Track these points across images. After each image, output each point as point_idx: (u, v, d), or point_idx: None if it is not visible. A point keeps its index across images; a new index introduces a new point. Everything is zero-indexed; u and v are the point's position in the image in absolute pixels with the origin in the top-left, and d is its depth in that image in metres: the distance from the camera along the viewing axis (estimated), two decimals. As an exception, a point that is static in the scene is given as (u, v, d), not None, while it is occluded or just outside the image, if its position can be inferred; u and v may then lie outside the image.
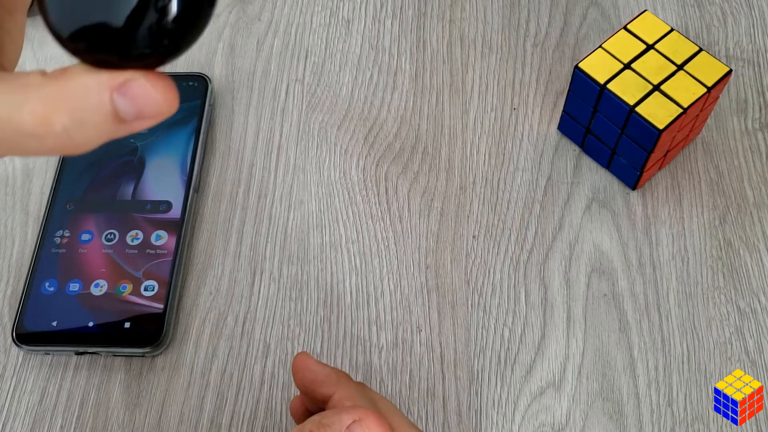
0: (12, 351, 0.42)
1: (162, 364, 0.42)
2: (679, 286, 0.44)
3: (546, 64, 0.52)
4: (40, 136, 0.19)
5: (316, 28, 0.54)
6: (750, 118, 0.49)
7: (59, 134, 0.19)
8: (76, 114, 0.19)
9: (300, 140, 0.49)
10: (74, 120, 0.19)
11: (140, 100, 0.19)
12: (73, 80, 0.19)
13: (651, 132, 0.42)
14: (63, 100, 0.19)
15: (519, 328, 0.43)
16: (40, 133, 0.19)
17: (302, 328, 0.43)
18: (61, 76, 0.19)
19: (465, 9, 0.54)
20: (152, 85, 0.19)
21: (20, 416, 0.41)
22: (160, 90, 0.19)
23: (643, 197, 0.46)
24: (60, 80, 0.19)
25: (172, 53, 0.19)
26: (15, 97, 0.19)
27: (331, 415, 0.30)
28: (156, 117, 0.19)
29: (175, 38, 0.19)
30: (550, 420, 0.40)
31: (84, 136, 0.19)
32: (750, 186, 0.47)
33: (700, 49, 0.44)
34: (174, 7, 0.18)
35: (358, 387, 0.33)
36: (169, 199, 0.46)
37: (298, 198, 0.47)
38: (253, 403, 0.41)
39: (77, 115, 0.19)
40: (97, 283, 0.43)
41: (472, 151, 0.48)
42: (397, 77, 0.52)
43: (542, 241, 0.45)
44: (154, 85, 0.19)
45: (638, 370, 0.41)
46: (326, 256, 0.45)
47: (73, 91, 0.19)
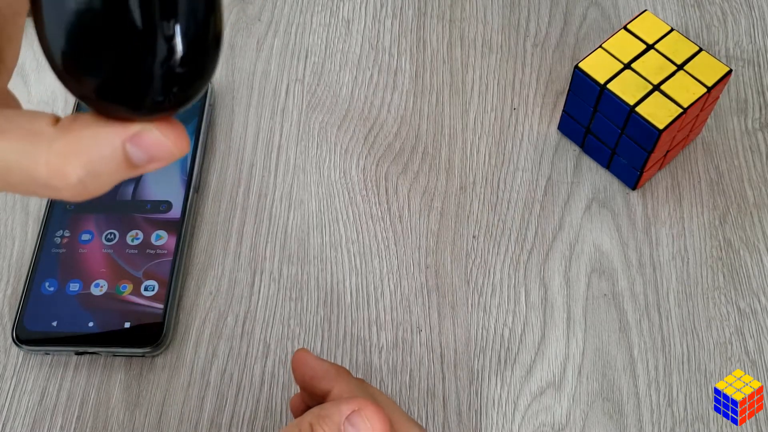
0: (12, 351, 0.42)
1: (162, 364, 0.42)
2: (679, 286, 0.44)
3: (546, 64, 0.52)
4: (55, 187, 0.19)
5: (316, 28, 0.54)
6: (750, 118, 0.49)
7: (74, 185, 0.19)
8: (91, 166, 0.19)
9: (300, 140, 0.49)
10: (89, 171, 0.19)
11: (152, 149, 0.19)
12: (86, 132, 0.19)
13: (651, 132, 0.42)
14: (77, 153, 0.19)
15: (519, 328, 0.43)
16: (55, 184, 0.19)
17: (302, 328, 0.43)
18: (73, 127, 0.19)
19: (465, 9, 0.54)
20: (163, 134, 0.19)
21: (20, 416, 0.41)
22: (171, 138, 0.20)
23: (643, 197, 0.46)
24: (73, 132, 0.19)
25: (181, 103, 0.20)
26: (26, 145, 0.19)
27: (330, 406, 0.30)
28: (167, 161, 0.20)
29: (183, 87, 0.19)
30: (550, 420, 0.40)
31: (97, 184, 0.19)
32: (750, 186, 0.47)
33: (700, 49, 0.44)
34: (178, 57, 0.18)
35: (357, 382, 0.34)
36: (169, 199, 0.46)
37: (298, 198, 0.47)
38: (253, 403, 0.41)
39: (92, 166, 0.19)
40: (97, 283, 0.43)
41: (472, 151, 0.48)
42: (397, 77, 0.52)
43: (542, 241, 0.45)
44: (166, 134, 0.19)
45: (638, 370, 0.41)
46: (326, 256, 0.45)
47: (87, 144, 0.19)
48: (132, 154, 0.19)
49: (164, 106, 0.19)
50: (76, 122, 0.19)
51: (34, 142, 0.19)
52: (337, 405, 0.30)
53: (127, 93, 0.19)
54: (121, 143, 0.19)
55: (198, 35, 0.19)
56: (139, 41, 0.18)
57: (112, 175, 0.19)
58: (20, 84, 0.51)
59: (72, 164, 0.19)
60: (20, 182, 0.19)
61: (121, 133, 0.19)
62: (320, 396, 0.33)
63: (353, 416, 0.29)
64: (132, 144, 0.19)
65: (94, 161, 0.19)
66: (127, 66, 0.18)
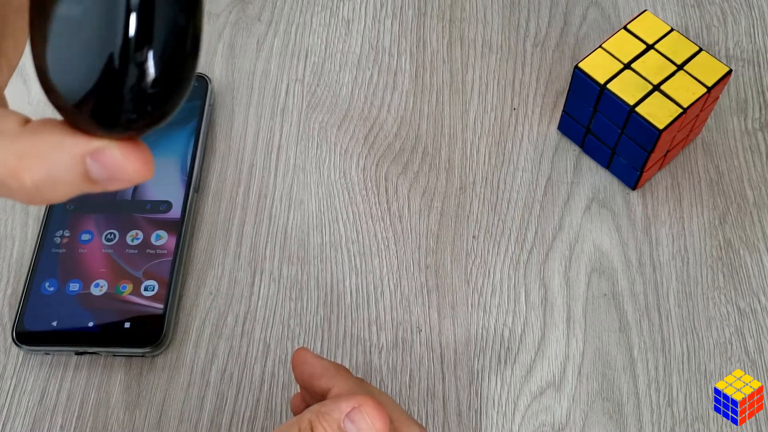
0: (12, 351, 0.42)
1: (162, 364, 0.42)
2: (679, 286, 0.44)
3: (546, 64, 0.52)
4: (10, 187, 0.19)
5: (316, 28, 0.54)
6: (750, 118, 0.49)
7: (28, 188, 0.19)
8: (48, 172, 0.19)
9: (300, 140, 0.49)
10: (45, 177, 0.19)
11: (112, 168, 0.19)
12: (50, 138, 0.19)
13: (651, 132, 0.42)
14: (35, 157, 0.19)
15: (519, 328, 0.43)
16: (9, 184, 0.19)
17: (302, 328, 0.43)
18: (39, 131, 0.19)
19: (465, 9, 0.54)
20: (124, 156, 0.19)
21: (20, 416, 0.41)
22: (132, 161, 0.19)
23: (643, 197, 0.46)
24: (36, 136, 0.19)
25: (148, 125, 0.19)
26: None
27: (330, 403, 0.30)
28: (127, 184, 0.19)
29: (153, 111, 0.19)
30: (550, 420, 0.40)
31: (53, 192, 0.19)
32: (750, 186, 0.47)
33: (700, 49, 0.44)
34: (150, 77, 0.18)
35: (357, 381, 0.34)
36: (169, 199, 0.46)
37: (298, 198, 0.47)
38: (253, 403, 0.41)
39: (49, 173, 0.19)
40: (97, 283, 0.43)
41: (472, 151, 0.48)
42: (397, 77, 0.52)
43: (542, 241, 0.45)
44: (127, 156, 0.19)
45: (638, 370, 0.41)
46: (326, 256, 0.45)
47: (49, 150, 0.19)
48: (92, 169, 0.19)
49: (131, 126, 0.19)
50: (43, 127, 0.19)
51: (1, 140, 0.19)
52: (337, 402, 0.30)
53: (96, 109, 0.18)
54: (81, 156, 0.19)
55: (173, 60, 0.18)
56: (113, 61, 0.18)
57: (70, 186, 0.19)
58: (20, 84, 0.51)
59: (29, 167, 0.19)
60: None
61: (83, 146, 0.19)
62: (320, 395, 0.33)
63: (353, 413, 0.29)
64: (93, 159, 0.19)
65: (52, 168, 0.19)
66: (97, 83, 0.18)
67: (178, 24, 0.18)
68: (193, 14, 0.19)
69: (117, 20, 0.17)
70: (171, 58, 0.18)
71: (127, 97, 0.18)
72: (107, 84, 0.18)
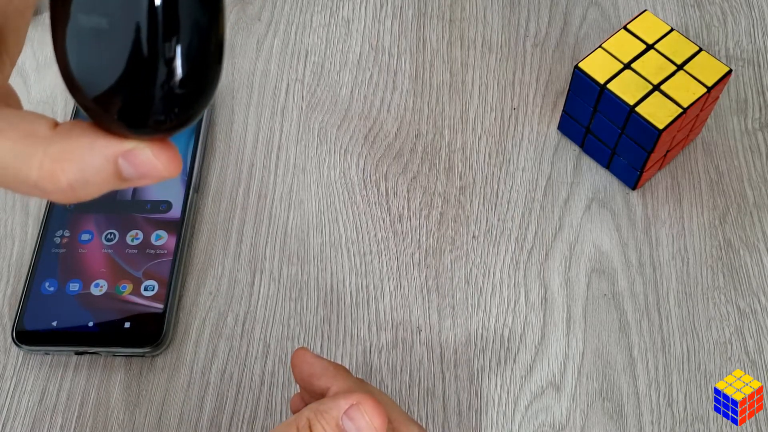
0: (12, 351, 0.42)
1: (162, 364, 0.42)
2: (679, 286, 0.44)
3: (546, 64, 0.52)
4: (45, 189, 0.20)
5: (316, 28, 0.54)
6: (750, 118, 0.49)
7: (64, 189, 0.19)
8: (82, 173, 0.19)
9: (300, 140, 0.49)
10: (78, 178, 0.19)
11: (143, 167, 0.20)
12: (83, 140, 0.20)
13: (651, 132, 0.42)
14: (71, 160, 0.19)
15: (519, 328, 0.43)
16: (45, 186, 0.19)
17: (302, 328, 0.43)
18: (71, 134, 0.20)
19: (465, 9, 0.54)
20: (155, 155, 0.20)
21: (20, 416, 0.41)
22: (162, 160, 0.20)
23: (643, 197, 0.46)
24: (69, 139, 0.20)
25: (177, 127, 0.20)
26: (22, 147, 0.19)
27: (328, 401, 0.30)
28: (157, 180, 0.20)
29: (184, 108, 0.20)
30: (550, 420, 0.40)
31: (86, 191, 0.20)
32: (750, 186, 0.47)
33: (700, 49, 0.44)
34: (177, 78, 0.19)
35: (356, 380, 0.34)
36: (169, 199, 0.46)
37: (298, 198, 0.47)
38: (253, 403, 0.41)
39: (83, 174, 0.20)
40: (97, 283, 0.43)
41: (472, 151, 0.48)
42: (397, 77, 0.52)
43: (542, 241, 0.45)
44: (158, 155, 0.20)
45: (638, 370, 0.41)
46: (326, 256, 0.45)
47: (82, 152, 0.19)
48: (123, 169, 0.20)
49: (160, 127, 0.20)
50: (74, 129, 0.20)
51: (30, 144, 0.19)
52: (336, 400, 0.30)
53: (126, 111, 0.19)
54: (113, 157, 0.20)
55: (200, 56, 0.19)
56: (141, 63, 0.18)
57: (102, 185, 0.20)
58: (20, 84, 0.51)
59: (64, 169, 0.19)
60: (12, 181, 0.20)
61: (116, 147, 0.20)
62: (320, 394, 0.33)
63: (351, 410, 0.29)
64: (124, 159, 0.20)
65: (85, 169, 0.19)
66: (126, 86, 0.19)
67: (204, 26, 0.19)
68: (216, 16, 0.19)
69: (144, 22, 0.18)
70: (198, 58, 0.19)
71: (155, 98, 0.19)
72: (136, 85, 0.19)
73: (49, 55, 0.53)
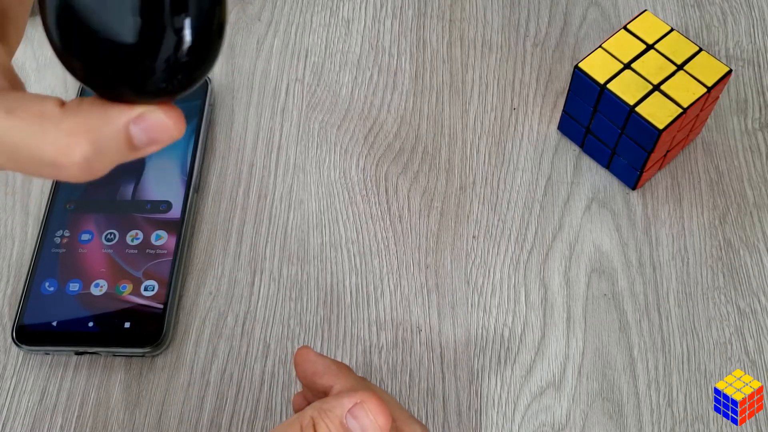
0: (12, 351, 0.42)
1: (162, 364, 0.42)
2: (679, 286, 0.44)
3: (546, 64, 0.52)
4: (60, 165, 0.20)
5: (316, 28, 0.54)
6: (750, 118, 0.49)
7: (79, 163, 0.20)
8: (96, 144, 0.20)
9: (300, 140, 0.49)
10: (93, 150, 0.20)
11: (154, 130, 0.21)
12: (94, 111, 0.20)
13: (651, 132, 0.42)
14: (84, 132, 0.20)
15: (519, 328, 0.43)
16: (60, 162, 0.20)
17: (302, 328, 0.43)
18: (81, 108, 0.20)
19: (465, 9, 0.54)
20: (167, 116, 0.21)
21: (20, 416, 0.41)
22: (173, 119, 0.21)
23: (643, 197, 0.46)
24: (79, 113, 0.20)
25: (184, 88, 0.21)
26: (32, 126, 0.20)
27: (332, 399, 0.30)
28: (166, 143, 0.21)
29: (187, 74, 0.20)
30: (550, 420, 0.40)
31: (101, 164, 0.20)
32: (750, 186, 0.47)
33: (700, 49, 0.44)
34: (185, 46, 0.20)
35: (358, 379, 0.33)
36: (169, 199, 0.46)
37: (298, 198, 0.47)
38: (253, 403, 0.41)
39: (97, 144, 0.20)
40: (97, 283, 0.43)
41: (472, 151, 0.48)
42: (397, 77, 0.52)
43: (542, 241, 0.45)
44: (168, 116, 0.21)
45: (638, 370, 0.41)
46: (326, 256, 0.45)
47: (95, 122, 0.20)
48: (134, 135, 0.20)
49: (168, 90, 0.20)
50: (82, 104, 0.20)
51: (42, 122, 0.20)
52: (339, 398, 0.30)
53: (135, 77, 0.20)
54: (125, 123, 0.20)
55: (204, 27, 0.20)
56: (150, 30, 0.19)
57: (114, 156, 0.21)
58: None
59: (78, 142, 0.20)
60: (27, 161, 0.20)
61: (127, 113, 0.20)
62: (322, 393, 0.33)
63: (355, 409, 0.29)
64: (135, 124, 0.20)
65: (99, 139, 0.20)
66: (137, 54, 0.19)
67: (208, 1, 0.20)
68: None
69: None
70: (203, 29, 0.20)
71: (164, 65, 0.20)
72: (147, 54, 0.19)
73: (50, 56, 0.53)
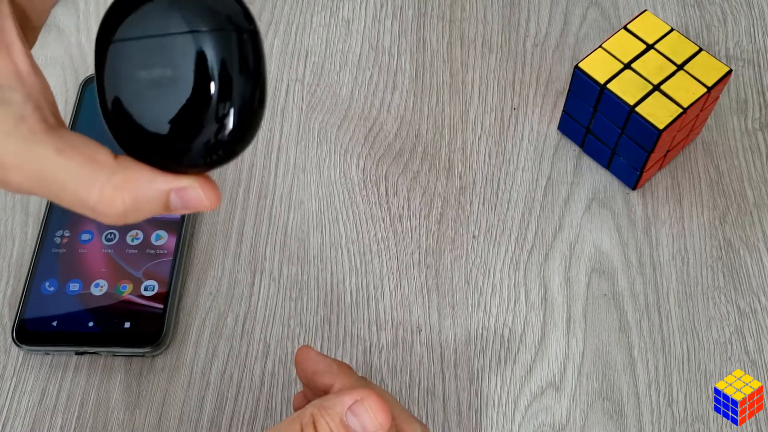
0: (12, 351, 0.42)
1: (162, 364, 0.42)
2: (679, 286, 0.44)
3: (546, 64, 0.52)
4: (99, 211, 0.22)
5: (316, 28, 0.54)
6: (750, 118, 0.49)
7: (117, 214, 0.22)
8: (138, 202, 0.22)
9: (300, 140, 0.49)
10: (133, 206, 0.22)
11: (191, 201, 0.23)
12: (143, 175, 0.22)
13: (651, 132, 0.42)
14: (130, 190, 0.22)
15: (519, 328, 0.43)
16: (100, 209, 0.22)
17: (302, 328, 0.43)
18: (131, 167, 0.22)
19: (465, 9, 0.54)
20: (204, 192, 0.23)
21: (20, 416, 0.41)
22: (208, 195, 0.23)
23: (643, 197, 0.46)
24: (129, 171, 0.22)
25: (222, 164, 0.23)
26: (84, 169, 0.22)
27: (332, 397, 0.30)
28: (198, 211, 0.24)
29: (227, 154, 0.23)
30: (550, 420, 0.40)
31: (135, 217, 0.23)
32: (750, 186, 0.47)
33: (700, 49, 0.44)
34: (229, 126, 0.22)
35: (359, 378, 0.33)
36: (169, 199, 0.46)
37: (298, 198, 0.47)
38: (253, 403, 0.41)
39: (138, 203, 0.22)
40: (97, 283, 0.43)
41: (472, 151, 0.48)
42: (397, 77, 0.52)
43: (542, 241, 0.45)
44: (205, 192, 0.23)
45: (638, 370, 0.41)
46: (326, 256, 0.45)
47: (141, 183, 0.22)
48: (172, 201, 0.23)
49: (207, 165, 0.23)
50: (132, 163, 0.22)
51: (95, 169, 0.22)
52: (339, 396, 0.30)
53: (177, 158, 0.22)
54: (168, 190, 0.23)
55: (245, 112, 0.22)
56: (194, 123, 0.22)
57: (149, 212, 0.23)
58: (20, 84, 0.50)
59: (123, 197, 0.22)
60: (69, 199, 0.22)
61: (172, 182, 0.23)
62: (323, 392, 0.33)
63: (355, 406, 0.29)
64: (175, 194, 0.23)
65: (141, 199, 0.22)
66: (180, 140, 0.22)
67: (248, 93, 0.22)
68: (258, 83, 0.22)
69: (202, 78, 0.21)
70: (244, 117, 0.22)
71: (207, 145, 0.22)
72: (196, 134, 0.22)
73: (49, 56, 0.53)
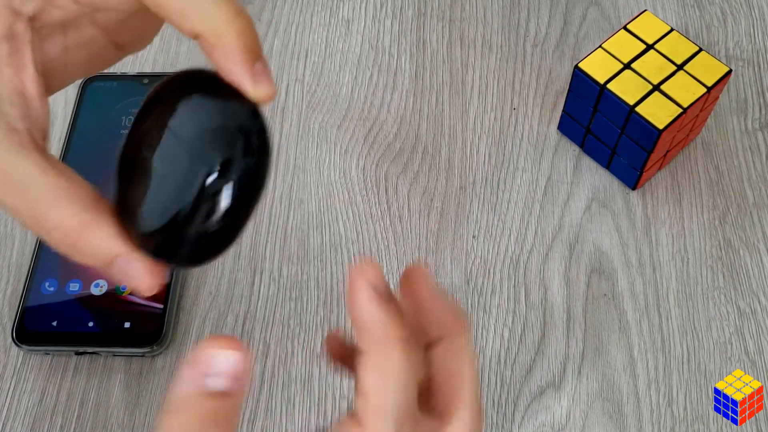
0: (12, 351, 0.42)
1: (162, 364, 0.42)
2: (679, 286, 0.44)
3: (546, 64, 0.52)
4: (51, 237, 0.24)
5: (316, 27, 0.54)
6: (750, 118, 0.49)
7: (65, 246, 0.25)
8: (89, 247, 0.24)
9: (300, 140, 0.49)
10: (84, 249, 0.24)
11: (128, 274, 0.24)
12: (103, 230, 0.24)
13: (651, 132, 0.42)
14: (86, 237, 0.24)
15: (519, 328, 0.43)
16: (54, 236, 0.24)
17: (302, 328, 0.43)
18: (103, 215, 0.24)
19: (465, 9, 0.54)
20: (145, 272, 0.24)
21: (20, 416, 0.41)
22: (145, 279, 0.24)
23: (643, 197, 0.46)
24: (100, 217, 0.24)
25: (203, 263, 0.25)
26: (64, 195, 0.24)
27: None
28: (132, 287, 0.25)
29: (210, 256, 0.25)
30: (550, 420, 0.40)
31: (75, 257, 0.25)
32: (750, 186, 0.47)
33: (700, 49, 0.44)
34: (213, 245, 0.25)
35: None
36: (169, 199, 0.46)
37: (298, 198, 0.47)
38: (253, 403, 0.41)
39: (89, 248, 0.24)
40: (97, 283, 0.43)
41: (472, 151, 0.48)
42: (397, 77, 0.52)
43: (542, 241, 0.45)
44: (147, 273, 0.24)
45: (638, 370, 0.41)
46: (326, 256, 0.45)
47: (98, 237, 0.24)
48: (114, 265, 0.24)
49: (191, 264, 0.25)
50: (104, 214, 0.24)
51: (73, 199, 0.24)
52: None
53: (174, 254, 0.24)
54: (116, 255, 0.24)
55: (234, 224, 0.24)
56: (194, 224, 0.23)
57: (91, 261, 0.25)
58: (20, 84, 0.50)
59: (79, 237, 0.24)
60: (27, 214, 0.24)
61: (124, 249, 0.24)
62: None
63: None
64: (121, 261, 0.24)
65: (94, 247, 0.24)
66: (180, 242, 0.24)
67: (238, 224, 0.25)
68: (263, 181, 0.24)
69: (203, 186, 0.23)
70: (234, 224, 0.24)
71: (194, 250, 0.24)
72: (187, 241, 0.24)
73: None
